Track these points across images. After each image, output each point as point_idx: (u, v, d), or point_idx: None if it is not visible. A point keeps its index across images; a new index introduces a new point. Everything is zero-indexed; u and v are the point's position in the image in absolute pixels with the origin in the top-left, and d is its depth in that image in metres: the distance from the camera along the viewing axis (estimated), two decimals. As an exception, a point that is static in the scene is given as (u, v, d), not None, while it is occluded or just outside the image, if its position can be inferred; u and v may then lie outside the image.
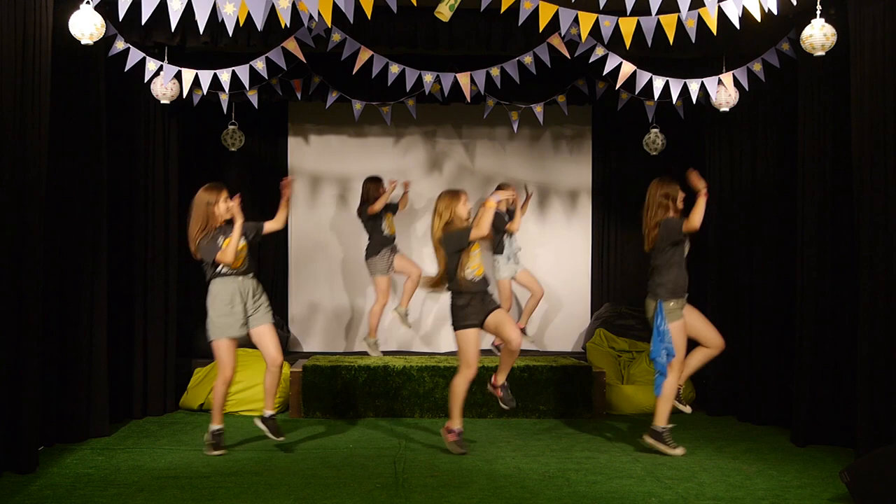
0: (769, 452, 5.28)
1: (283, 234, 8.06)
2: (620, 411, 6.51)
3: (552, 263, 8.05)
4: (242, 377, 6.39)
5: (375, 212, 6.97)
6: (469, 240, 5.10)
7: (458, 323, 5.18)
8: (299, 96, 6.61)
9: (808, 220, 5.51)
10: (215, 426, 5.15)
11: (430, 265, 7.79)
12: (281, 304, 7.95)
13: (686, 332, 5.20)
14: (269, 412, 5.24)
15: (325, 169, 8.07)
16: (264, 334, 5.17)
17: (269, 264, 7.99)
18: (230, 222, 5.13)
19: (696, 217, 5.05)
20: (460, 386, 5.19)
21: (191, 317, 7.26)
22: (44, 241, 4.79)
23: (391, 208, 7.22)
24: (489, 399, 6.30)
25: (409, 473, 4.68)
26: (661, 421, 5.18)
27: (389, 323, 7.69)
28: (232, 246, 5.03)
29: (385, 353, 7.41)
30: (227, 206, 5.14)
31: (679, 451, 5.15)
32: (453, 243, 5.13)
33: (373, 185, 7.12)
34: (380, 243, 7.06)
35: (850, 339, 5.13)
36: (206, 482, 4.45)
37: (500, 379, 5.34)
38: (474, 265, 5.18)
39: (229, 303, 5.08)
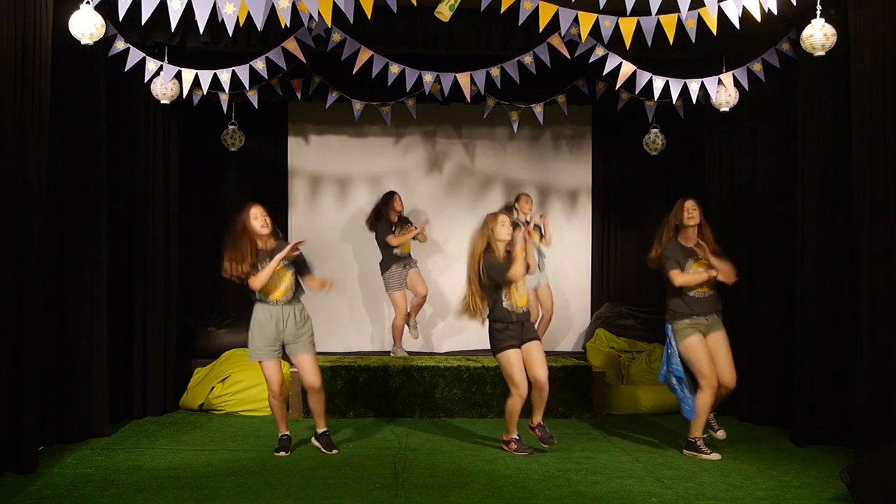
0: (769, 452, 5.28)
1: (283, 233, 8.07)
2: (620, 411, 6.51)
3: (552, 263, 8.02)
4: (242, 377, 6.40)
5: (395, 245, 7.03)
6: (506, 280, 5.06)
7: (497, 346, 5.16)
8: (299, 96, 6.61)
9: (808, 220, 5.51)
10: (282, 432, 5.24)
11: (438, 279, 7.84)
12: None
13: (704, 350, 5.16)
14: (320, 430, 5.27)
15: (325, 169, 8.07)
16: (304, 364, 5.20)
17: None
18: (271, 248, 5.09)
19: (683, 279, 5.16)
20: (514, 406, 5.15)
21: (191, 317, 7.27)
22: (44, 240, 4.79)
23: (401, 225, 7.20)
24: (489, 399, 6.31)
25: (409, 473, 4.68)
26: (695, 432, 5.22)
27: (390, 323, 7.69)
28: (262, 275, 5.00)
29: (386, 353, 7.43)
30: (261, 222, 5.07)
31: (714, 456, 5.15)
32: (494, 275, 5.10)
33: (384, 205, 7.14)
34: (391, 260, 7.11)
35: (850, 340, 5.12)
36: (206, 482, 4.45)
37: (536, 419, 5.25)
38: (518, 296, 5.15)
39: (262, 330, 5.09)
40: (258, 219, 5.08)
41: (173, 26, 4.86)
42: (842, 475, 4.05)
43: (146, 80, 5.68)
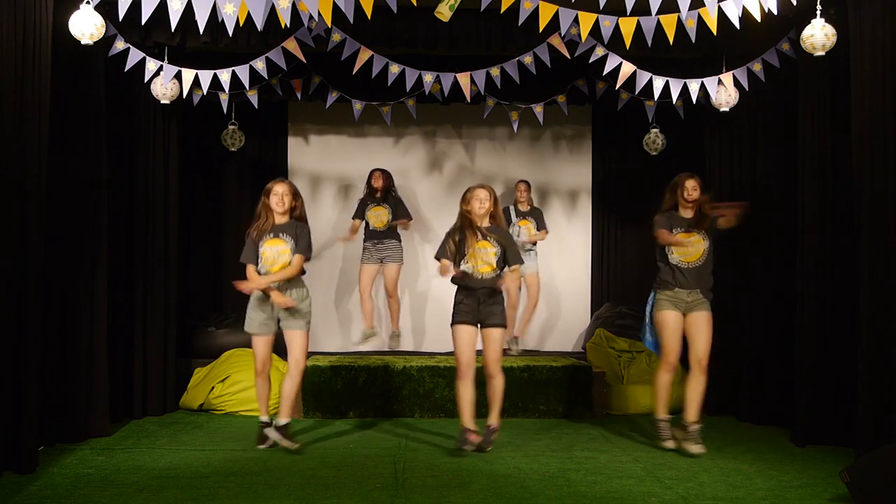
0: (769, 452, 5.28)
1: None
2: (620, 411, 6.50)
3: (552, 263, 8.04)
4: (242, 377, 6.40)
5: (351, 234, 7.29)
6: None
7: (452, 318, 5.23)
8: (299, 96, 6.61)
9: (808, 220, 5.51)
10: (262, 418, 5.27)
11: (437, 279, 7.82)
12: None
13: (673, 328, 5.22)
14: (283, 420, 5.24)
15: (325, 169, 8.07)
16: (292, 339, 5.20)
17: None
18: (282, 223, 5.16)
19: (664, 237, 5.19)
20: (456, 389, 5.18)
21: (191, 317, 7.27)
22: (44, 241, 4.78)
23: (377, 200, 7.25)
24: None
25: (409, 473, 4.68)
26: (658, 412, 5.31)
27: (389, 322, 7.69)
28: (256, 281, 5.08)
29: (386, 353, 7.43)
30: (278, 198, 5.13)
31: (668, 444, 5.23)
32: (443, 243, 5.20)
33: (372, 175, 7.33)
34: (366, 235, 7.25)
35: (850, 339, 5.12)
36: (206, 482, 4.45)
37: (489, 419, 5.21)
38: (479, 262, 5.11)
39: (259, 302, 5.18)
40: (276, 195, 5.15)
41: (173, 26, 4.86)
42: (842, 475, 4.05)
43: (146, 80, 5.69)
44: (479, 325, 5.20)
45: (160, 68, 5.61)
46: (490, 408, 5.22)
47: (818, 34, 4.96)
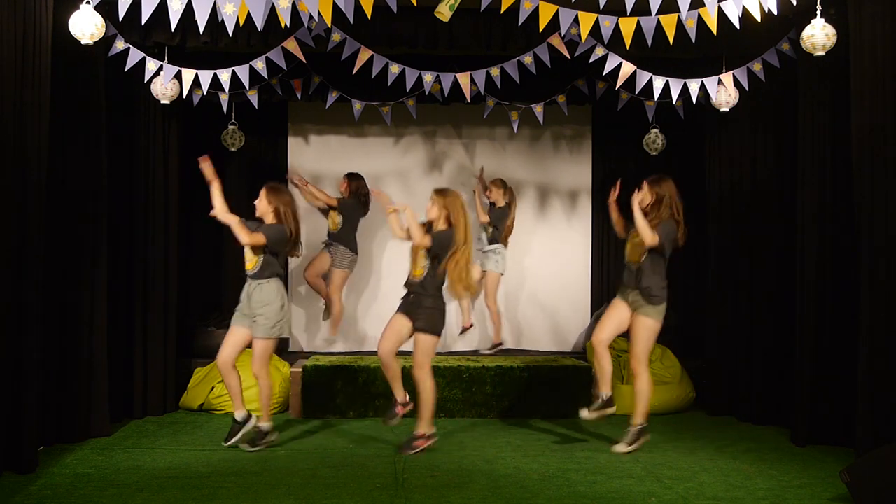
0: (769, 452, 5.28)
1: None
2: (621, 411, 6.48)
3: (552, 263, 8.04)
4: (242, 377, 6.38)
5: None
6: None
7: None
8: (299, 96, 6.61)
9: (808, 220, 5.51)
10: (236, 412, 5.31)
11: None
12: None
13: (614, 311, 5.37)
14: (239, 415, 5.30)
15: (325, 169, 8.06)
16: (253, 347, 5.25)
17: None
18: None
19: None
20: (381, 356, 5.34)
21: (191, 317, 7.27)
22: (44, 240, 4.79)
23: (338, 206, 7.33)
24: (489, 399, 6.32)
25: (409, 473, 4.68)
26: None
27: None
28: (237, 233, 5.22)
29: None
30: (257, 201, 5.37)
31: (583, 412, 5.39)
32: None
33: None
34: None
35: (850, 339, 5.13)
36: (206, 482, 4.45)
37: (420, 427, 5.29)
38: (413, 264, 5.29)
39: (241, 297, 5.32)
40: (262, 198, 5.37)
41: (173, 26, 4.86)
42: (842, 475, 4.05)
43: (146, 80, 5.69)
44: (409, 319, 5.27)
45: (160, 68, 5.61)
46: (420, 415, 5.28)
47: (818, 34, 4.96)
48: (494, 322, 7.45)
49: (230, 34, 4.95)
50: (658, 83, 5.70)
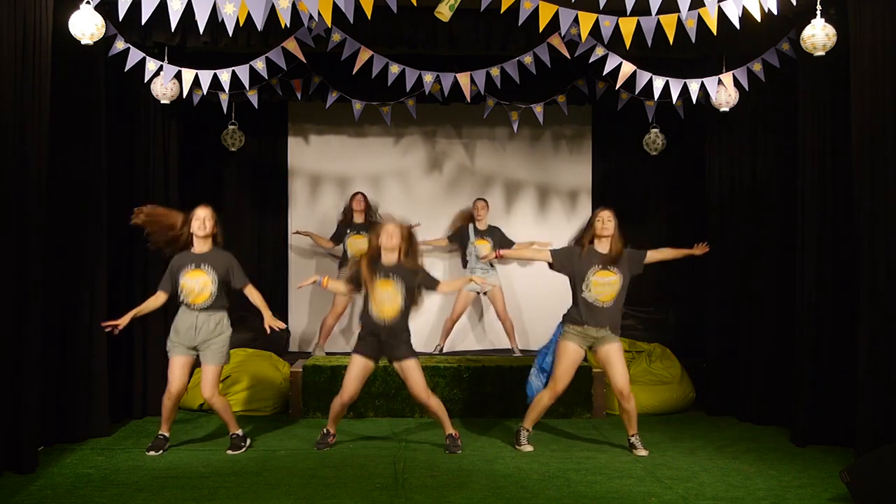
0: (769, 452, 5.28)
1: (283, 233, 8.08)
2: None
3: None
4: (242, 377, 6.40)
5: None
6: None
7: (354, 346, 5.25)
8: (299, 96, 6.61)
9: (808, 220, 5.51)
10: (161, 432, 5.20)
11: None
12: (281, 303, 7.95)
13: (572, 362, 5.14)
14: (234, 431, 5.24)
15: (325, 169, 8.07)
16: (204, 374, 5.12)
17: (269, 264, 8.01)
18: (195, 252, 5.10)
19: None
20: (333, 403, 5.24)
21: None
22: (44, 240, 4.79)
23: (357, 228, 7.34)
24: (489, 399, 6.31)
25: (409, 473, 4.68)
26: (526, 422, 5.33)
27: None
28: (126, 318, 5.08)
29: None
30: (199, 223, 5.05)
31: (527, 448, 5.26)
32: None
33: (348, 205, 7.42)
34: (342, 262, 7.40)
35: (850, 339, 5.12)
36: (206, 482, 4.45)
37: (447, 429, 5.29)
38: (378, 307, 5.06)
39: (177, 329, 5.10)
40: (198, 219, 5.07)
41: (173, 26, 4.86)
42: (842, 475, 4.05)
43: (146, 80, 5.69)
44: (376, 361, 5.19)
45: (160, 68, 5.61)
46: (441, 423, 5.26)
47: (818, 34, 4.96)
48: (511, 331, 7.56)
49: (230, 34, 4.95)
50: (658, 83, 5.70)
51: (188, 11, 4.75)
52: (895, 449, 3.90)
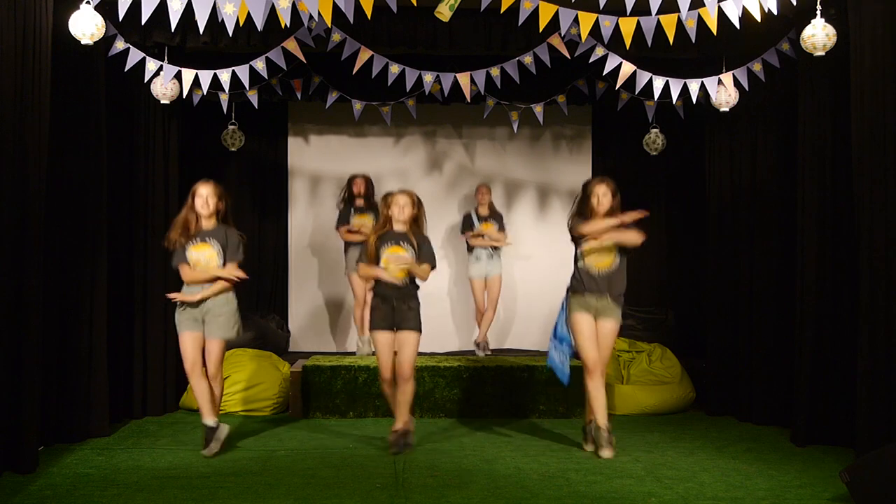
0: (769, 452, 5.28)
1: (283, 233, 8.08)
2: (620, 411, 6.50)
3: (552, 263, 8.03)
4: (242, 377, 6.40)
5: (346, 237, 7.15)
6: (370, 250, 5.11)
7: (370, 325, 5.21)
8: (299, 96, 6.61)
9: (808, 220, 5.51)
10: (205, 421, 5.14)
11: (435, 280, 7.87)
12: (281, 303, 7.96)
13: (588, 334, 5.12)
14: (208, 421, 5.13)
15: (325, 169, 8.07)
16: (208, 348, 5.09)
17: (269, 264, 8.01)
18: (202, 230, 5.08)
19: (588, 227, 5.06)
20: (384, 390, 5.21)
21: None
22: (44, 241, 4.78)
23: (361, 209, 7.23)
24: (489, 399, 6.32)
25: (409, 473, 4.68)
26: (589, 414, 5.24)
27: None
28: (189, 275, 5.03)
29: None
30: (202, 200, 5.04)
31: (588, 447, 5.20)
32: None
33: (348, 189, 7.27)
34: (348, 243, 7.21)
35: (850, 339, 5.12)
36: (206, 482, 4.45)
37: (397, 423, 5.20)
38: (391, 268, 5.07)
39: (182, 304, 5.08)
40: (201, 197, 5.06)
41: (173, 26, 4.86)
42: (842, 475, 4.05)
43: (146, 80, 5.69)
44: (395, 329, 5.16)
45: (160, 68, 5.61)
46: (398, 411, 5.19)
47: (818, 34, 4.96)
48: (488, 325, 7.53)
49: (230, 34, 4.95)
50: (658, 83, 5.70)
51: (188, 11, 4.75)
52: (895, 449, 3.90)
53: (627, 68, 5.60)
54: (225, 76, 5.61)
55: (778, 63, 5.75)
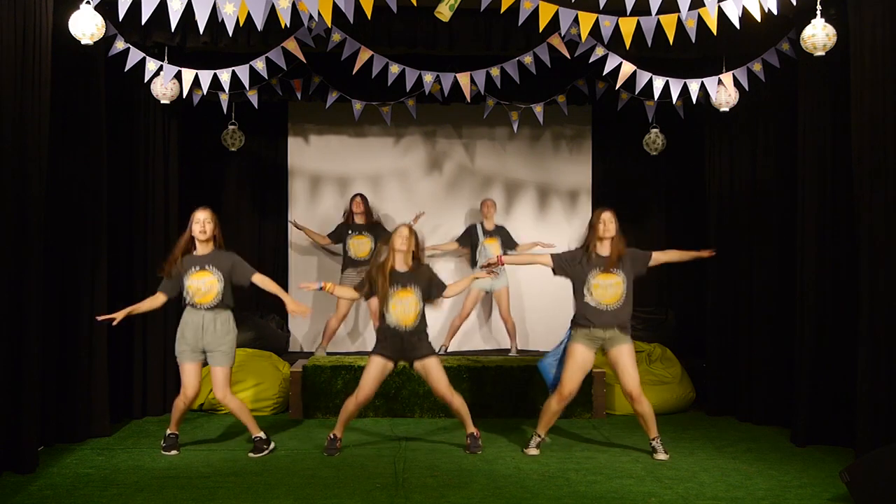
0: (769, 452, 5.28)
1: (283, 233, 8.08)
2: (620, 411, 6.50)
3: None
4: (242, 377, 6.40)
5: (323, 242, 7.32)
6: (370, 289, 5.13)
7: (374, 347, 5.22)
8: (299, 96, 6.61)
9: (808, 220, 5.51)
10: (170, 431, 5.19)
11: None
12: (281, 303, 7.89)
13: (580, 364, 5.08)
14: (255, 434, 5.19)
15: (325, 169, 8.07)
16: (214, 376, 5.12)
17: (269, 264, 8.00)
18: (197, 254, 5.08)
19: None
20: (347, 403, 5.20)
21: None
22: (44, 240, 4.79)
23: (358, 228, 7.33)
24: (489, 399, 6.32)
25: (409, 473, 4.68)
26: (539, 428, 5.25)
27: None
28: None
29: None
30: (200, 226, 5.02)
31: (531, 451, 5.19)
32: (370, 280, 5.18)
33: (351, 201, 7.39)
34: (345, 264, 7.34)
35: (850, 339, 5.12)
36: (206, 482, 4.46)
37: (467, 429, 5.28)
38: (398, 313, 5.06)
39: (183, 333, 5.06)
40: (199, 223, 5.05)
41: (173, 26, 4.86)
42: (842, 475, 4.05)
43: (146, 80, 5.68)
44: (396, 363, 5.18)
45: (160, 68, 5.61)
46: (463, 422, 5.26)
47: (818, 34, 4.96)
48: (513, 331, 7.60)
49: (230, 34, 4.95)
50: (658, 83, 5.70)
51: (188, 11, 4.75)
52: (895, 449, 3.90)
53: (627, 68, 5.59)
54: (225, 76, 5.61)
55: (778, 63, 5.75)
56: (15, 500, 4.11)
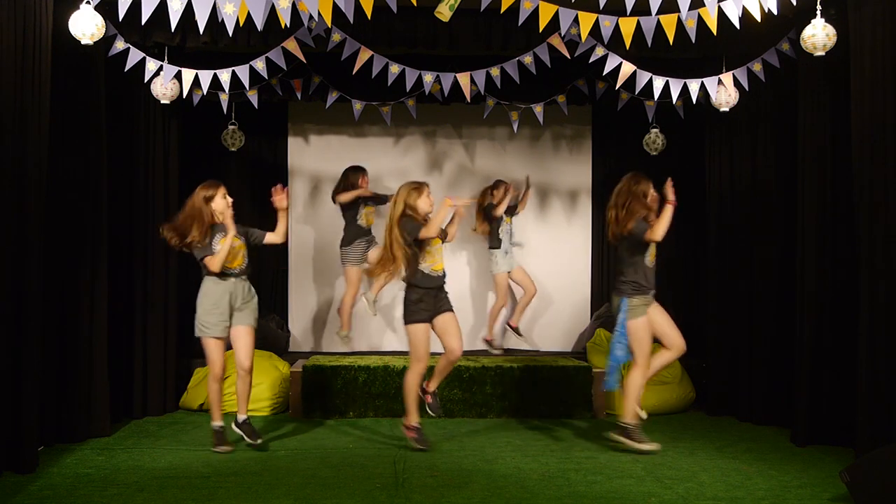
0: (769, 452, 5.28)
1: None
2: (620, 411, 6.49)
3: (552, 263, 8.04)
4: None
5: (344, 202, 7.06)
6: (419, 237, 5.12)
7: (408, 318, 5.23)
8: (299, 96, 6.61)
9: (809, 220, 5.51)
10: (216, 423, 5.22)
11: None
12: (281, 303, 7.95)
13: (650, 330, 5.23)
14: (241, 417, 5.25)
15: (325, 169, 8.06)
16: (239, 336, 5.22)
17: (269, 264, 7.99)
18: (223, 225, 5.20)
19: (660, 229, 5.15)
20: (412, 381, 5.25)
21: (191, 317, 7.26)
22: (44, 241, 4.79)
23: (370, 201, 7.26)
24: (489, 399, 6.32)
25: (409, 473, 4.68)
26: (629, 416, 5.23)
27: (395, 322, 7.68)
28: (220, 255, 5.13)
29: (385, 353, 7.43)
30: (226, 203, 5.22)
31: (650, 446, 5.17)
32: (412, 231, 5.15)
33: (353, 174, 7.19)
34: (354, 234, 7.16)
35: (850, 339, 5.13)
36: (206, 482, 4.46)
37: (432, 385, 5.39)
38: (432, 260, 5.22)
39: (215, 303, 5.17)
40: (226, 199, 5.23)
41: (173, 26, 4.86)
42: (842, 475, 4.05)
43: (146, 80, 5.69)
44: (432, 321, 5.27)
45: (160, 68, 5.61)
46: (437, 376, 5.36)
47: (818, 34, 4.96)
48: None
49: (230, 34, 4.95)
50: (658, 83, 5.70)
51: (188, 11, 4.75)
52: (895, 449, 3.90)
53: (627, 68, 5.60)
54: (225, 76, 5.62)
55: (778, 63, 5.75)
56: (15, 500, 4.11)
